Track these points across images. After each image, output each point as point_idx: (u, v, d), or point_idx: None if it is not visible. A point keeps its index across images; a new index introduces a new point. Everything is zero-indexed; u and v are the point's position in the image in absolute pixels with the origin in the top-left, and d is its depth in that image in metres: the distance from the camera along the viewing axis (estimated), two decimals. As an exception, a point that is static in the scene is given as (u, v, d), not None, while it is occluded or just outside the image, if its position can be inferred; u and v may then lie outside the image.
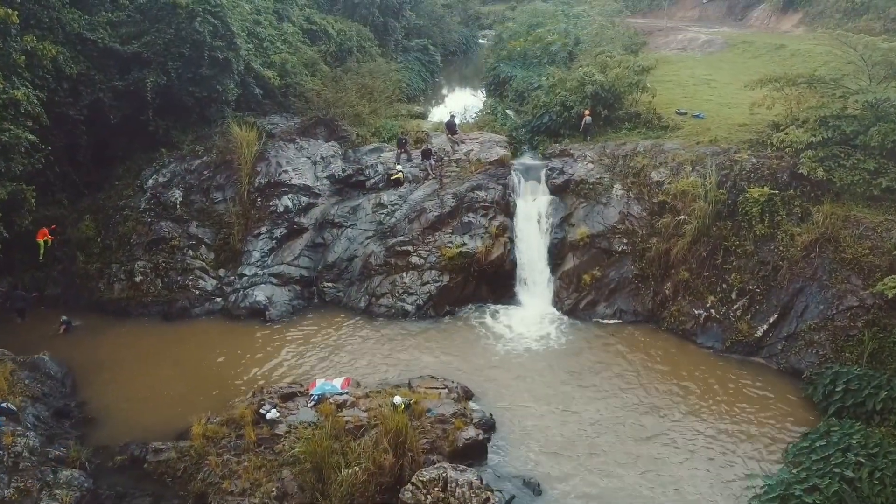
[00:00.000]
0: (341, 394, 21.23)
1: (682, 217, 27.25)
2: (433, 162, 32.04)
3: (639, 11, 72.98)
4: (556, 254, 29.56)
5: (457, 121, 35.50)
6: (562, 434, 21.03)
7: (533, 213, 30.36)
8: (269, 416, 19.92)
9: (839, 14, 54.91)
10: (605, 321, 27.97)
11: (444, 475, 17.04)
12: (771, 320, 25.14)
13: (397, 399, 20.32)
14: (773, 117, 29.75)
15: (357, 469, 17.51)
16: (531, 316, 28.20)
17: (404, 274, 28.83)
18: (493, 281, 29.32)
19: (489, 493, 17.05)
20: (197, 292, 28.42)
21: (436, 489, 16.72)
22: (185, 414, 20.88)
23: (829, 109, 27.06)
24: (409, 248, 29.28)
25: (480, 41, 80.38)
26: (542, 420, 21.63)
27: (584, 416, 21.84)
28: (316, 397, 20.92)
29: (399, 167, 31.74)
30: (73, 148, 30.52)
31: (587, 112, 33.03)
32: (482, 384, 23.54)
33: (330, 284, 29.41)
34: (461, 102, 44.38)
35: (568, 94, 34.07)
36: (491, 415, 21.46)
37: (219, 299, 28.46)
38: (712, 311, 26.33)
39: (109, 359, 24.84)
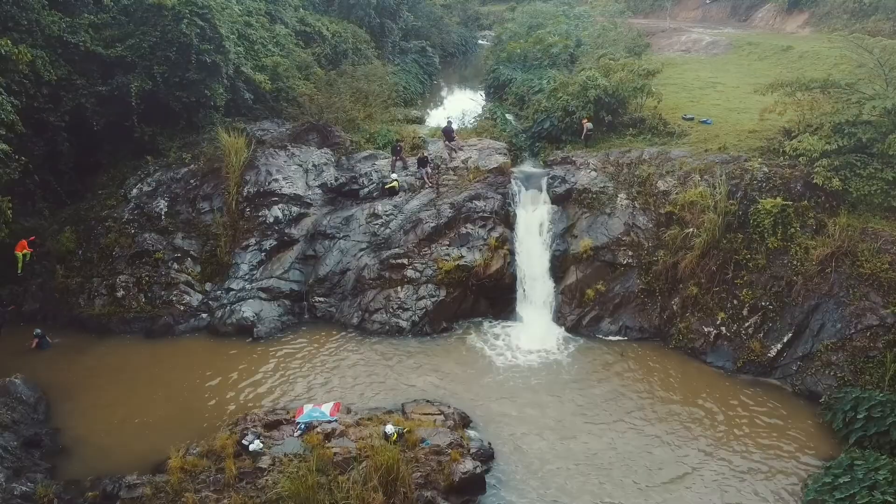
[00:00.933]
0: (330, 421, 19.93)
1: (691, 230, 25.91)
2: (429, 170, 30.75)
3: (641, 12, 71.83)
4: (559, 267, 28.26)
5: (455, 126, 34.19)
6: (567, 467, 19.69)
7: (534, 223, 29.06)
8: (251, 447, 18.61)
9: (846, 15, 53.67)
10: (610, 338, 26.67)
11: (438, 516, 15.73)
12: (785, 339, 23.85)
13: (389, 428, 19.05)
14: (784, 123, 28.45)
15: (345, 509, 16.22)
16: (532, 333, 26.87)
17: (399, 288, 27.52)
18: (493, 295, 28.03)
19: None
20: (181, 308, 27.09)
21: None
22: (164, 443, 19.53)
23: (844, 115, 25.75)
24: (405, 260, 27.98)
25: (480, 42, 79.17)
26: (545, 450, 20.31)
27: (590, 447, 20.53)
28: (303, 426, 19.62)
29: (394, 175, 30.44)
30: (55, 156, 29.26)
31: (585, 120, 31.75)
32: (480, 408, 22.25)
33: (321, 299, 28.09)
34: (460, 106, 42.95)
35: (570, 98, 32.74)
36: (489, 444, 20.15)
37: (204, 315, 27.14)
38: (722, 328, 25.03)
39: (87, 381, 23.52)
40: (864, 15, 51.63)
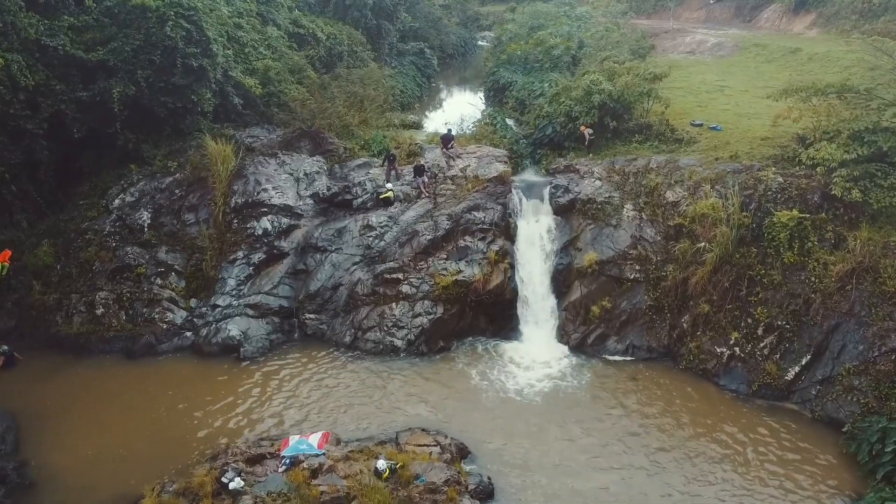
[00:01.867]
0: (317, 455, 18.53)
1: (703, 244, 24.49)
2: (426, 179, 29.34)
3: (643, 13, 70.36)
4: (562, 281, 26.85)
5: (453, 132, 32.78)
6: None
7: (535, 235, 27.66)
8: (231, 485, 17.23)
9: (855, 15, 52.26)
10: (616, 358, 25.31)
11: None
12: (803, 361, 22.47)
13: (381, 464, 17.67)
14: (798, 130, 27.04)
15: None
16: (535, 352, 25.51)
17: (394, 305, 26.11)
18: (492, 312, 26.64)
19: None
20: (164, 326, 25.70)
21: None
22: (140, 478, 18.26)
23: (862, 122, 24.31)
24: (400, 275, 26.58)
25: (480, 43, 77.77)
26: (550, 486, 18.88)
27: (599, 482, 19.12)
28: (288, 460, 18.22)
29: (389, 185, 29.03)
30: (33, 164, 27.82)
31: (584, 127, 30.37)
32: (479, 437, 20.87)
33: (312, 316, 26.68)
34: (458, 111, 41.50)
35: (573, 103, 31.33)
36: (489, 479, 18.76)
37: (188, 333, 25.74)
38: (736, 349, 23.64)
39: (61, 406, 22.14)
40: (873, 16, 50.22)
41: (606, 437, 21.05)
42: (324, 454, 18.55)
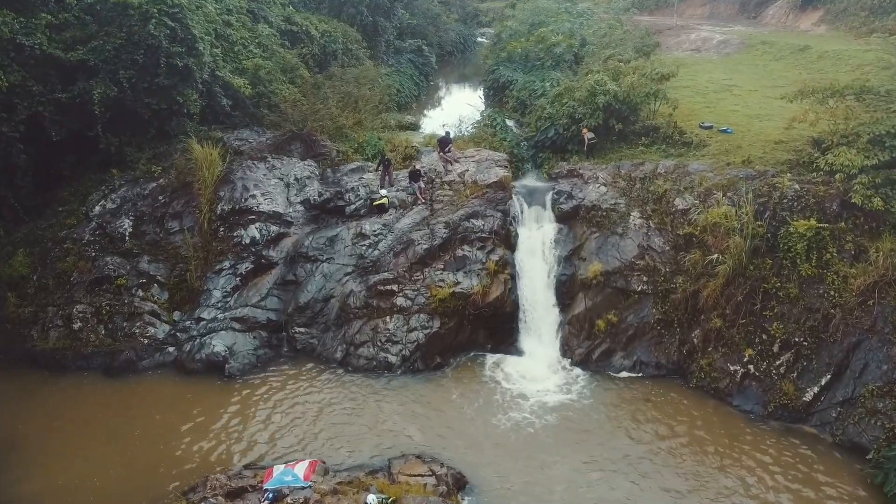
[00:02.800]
0: (303, 487, 17.18)
1: (715, 255, 23.13)
2: (422, 185, 27.96)
3: (646, 9, 69.08)
4: (565, 293, 25.51)
5: (451, 135, 31.38)
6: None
7: (537, 244, 26.33)
8: (209, 525, 15.90)
9: (864, 12, 50.85)
10: (623, 374, 23.96)
11: None
12: (823, 381, 21.09)
13: (371, 499, 16.32)
14: (813, 133, 25.64)
15: None
16: (537, 368, 24.21)
17: (388, 318, 24.74)
18: (492, 325, 25.26)
19: None
20: (145, 341, 24.34)
21: None
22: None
23: (883, 126, 22.85)
24: (394, 286, 25.22)
25: (479, 39, 76.36)
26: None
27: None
28: (271, 495, 16.86)
29: (383, 191, 27.66)
30: (10, 169, 26.45)
31: (586, 130, 29.03)
32: (478, 463, 19.55)
33: (302, 330, 25.31)
34: (457, 111, 40.03)
35: (577, 104, 29.97)
36: (488, 514, 17.43)
37: (171, 349, 24.38)
38: (750, 366, 22.25)
39: (34, 431, 20.77)
40: (883, 12, 48.80)
41: (614, 462, 19.69)
42: (310, 486, 17.20)
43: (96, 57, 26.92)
